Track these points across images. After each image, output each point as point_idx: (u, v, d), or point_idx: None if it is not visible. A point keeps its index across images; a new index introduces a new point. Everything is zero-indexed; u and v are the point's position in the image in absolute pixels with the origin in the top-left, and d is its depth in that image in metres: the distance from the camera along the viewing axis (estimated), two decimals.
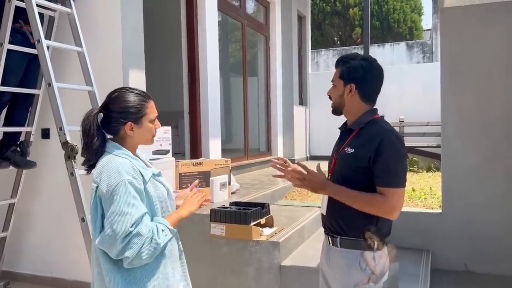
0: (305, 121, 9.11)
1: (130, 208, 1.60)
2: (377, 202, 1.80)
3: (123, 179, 1.62)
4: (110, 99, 1.80)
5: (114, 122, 1.76)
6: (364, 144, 1.84)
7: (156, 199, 1.75)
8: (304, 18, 9.08)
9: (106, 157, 1.73)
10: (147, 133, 1.81)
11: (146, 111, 1.78)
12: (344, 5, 18.28)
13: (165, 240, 1.67)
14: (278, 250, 3.08)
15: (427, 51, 14.58)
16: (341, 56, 2.07)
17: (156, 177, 1.82)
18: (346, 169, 1.89)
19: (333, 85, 1.98)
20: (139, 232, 1.59)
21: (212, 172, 3.90)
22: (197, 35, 5.17)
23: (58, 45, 3.25)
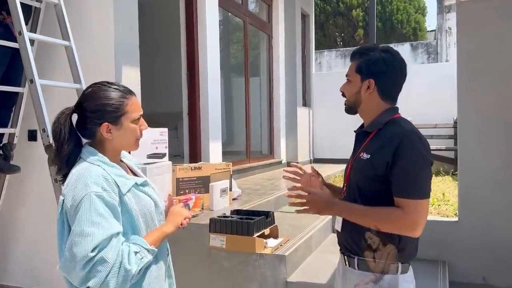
0: (309, 122, 8.83)
1: (93, 228, 1.32)
2: (394, 217, 1.55)
3: (89, 192, 1.36)
4: (83, 96, 1.53)
5: (89, 124, 1.50)
6: (381, 148, 1.59)
7: (138, 214, 1.48)
8: (308, 16, 8.81)
9: (78, 165, 1.46)
10: (129, 135, 1.53)
11: (126, 109, 1.51)
12: (347, 5, 18.02)
13: (140, 265, 1.39)
14: (284, 264, 2.80)
15: (432, 52, 14.31)
16: (358, 47, 1.82)
17: (139, 187, 1.54)
18: (362, 178, 1.65)
19: (348, 80, 1.74)
20: (103, 257, 1.31)
21: (212, 177, 3.62)
22: (196, 32, 4.90)
23: (42, 38, 2.97)
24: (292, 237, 3.21)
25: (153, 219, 1.55)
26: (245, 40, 6.40)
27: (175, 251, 3.07)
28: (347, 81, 1.74)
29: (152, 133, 3.33)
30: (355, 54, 1.75)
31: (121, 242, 1.37)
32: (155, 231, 1.52)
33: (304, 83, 8.72)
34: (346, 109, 1.77)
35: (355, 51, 1.76)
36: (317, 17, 17.78)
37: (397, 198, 1.55)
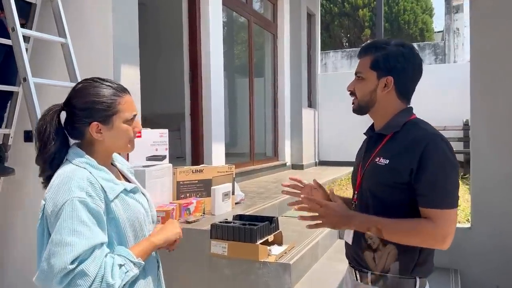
0: (314, 124, 8.67)
1: (74, 237, 1.19)
2: (424, 230, 1.38)
3: (72, 197, 1.23)
4: (73, 92, 1.41)
5: (77, 122, 1.37)
6: (403, 152, 1.43)
7: (125, 222, 1.35)
8: (314, 16, 8.67)
9: (62, 168, 1.33)
10: (121, 136, 1.40)
11: (118, 107, 1.38)
12: (352, 6, 17.86)
13: (125, 279, 1.25)
14: (289, 273, 2.65)
15: (439, 53, 14.12)
16: (370, 41, 1.66)
17: (129, 194, 1.41)
18: (379, 185, 1.48)
19: (359, 78, 1.57)
20: (84, 270, 1.18)
21: (214, 181, 3.49)
22: (199, 31, 4.78)
23: (37, 35, 2.85)
24: (297, 244, 3.07)
25: (143, 229, 1.42)
26: (249, 40, 6.27)
27: (174, 258, 2.95)
28: (359, 79, 1.57)
29: (152, 135, 3.20)
30: (368, 49, 1.57)
31: (104, 254, 1.24)
32: (143, 241, 1.39)
33: (310, 84, 8.58)
34: (356, 109, 1.60)
35: (368, 45, 1.59)
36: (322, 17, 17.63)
37: (424, 209, 1.40)
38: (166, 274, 2.93)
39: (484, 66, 3.66)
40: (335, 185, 6.09)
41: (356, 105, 1.59)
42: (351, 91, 1.60)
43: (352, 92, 1.59)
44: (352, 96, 1.60)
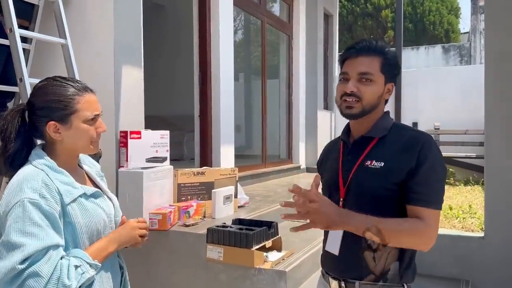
0: (330, 126, 8.54)
1: (24, 238, 1.16)
2: (417, 229, 1.36)
3: (23, 198, 1.20)
4: (33, 91, 1.40)
5: (36, 121, 1.36)
6: (401, 153, 1.42)
7: (81, 227, 1.32)
8: (332, 17, 8.53)
9: (22, 169, 1.32)
10: (80, 136, 1.38)
11: (77, 107, 1.36)
12: (375, 6, 17.59)
13: (81, 281, 1.23)
14: (284, 281, 2.57)
15: (465, 55, 13.75)
16: (367, 40, 1.51)
17: (89, 198, 1.38)
18: (375, 188, 1.44)
19: (367, 80, 1.44)
20: (36, 271, 1.14)
21: (216, 183, 3.44)
22: (209, 31, 4.74)
23: (36, 35, 2.87)
24: (298, 250, 2.98)
25: (100, 235, 1.39)
26: (262, 41, 6.20)
27: (171, 261, 2.93)
28: (368, 81, 1.44)
29: (152, 136, 3.18)
30: (375, 49, 1.46)
31: (60, 256, 1.22)
32: (97, 242, 1.37)
33: (326, 85, 8.45)
34: (357, 114, 1.46)
35: (371, 45, 1.48)
36: (344, 18, 17.45)
37: (416, 207, 1.38)
38: (160, 278, 2.91)
39: (499, 67, 3.50)
40: None
41: (359, 109, 1.46)
42: (353, 92, 1.45)
43: (354, 94, 1.45)
44: (348, 98, 1.45)
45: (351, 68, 1.46)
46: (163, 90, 7.15)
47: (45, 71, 3.20)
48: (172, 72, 7.24)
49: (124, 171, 3.00)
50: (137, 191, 2.92)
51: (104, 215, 1.41)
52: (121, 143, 3.05)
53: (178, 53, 7.13)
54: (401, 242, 1.39)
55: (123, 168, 3.02)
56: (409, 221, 1.38)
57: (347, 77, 1.47)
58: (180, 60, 6.95)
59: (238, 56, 6.65)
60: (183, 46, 6.77)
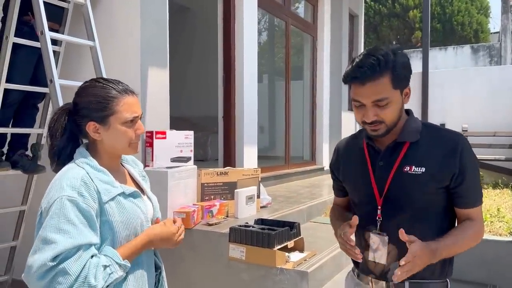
0: (355, 128, 8.45)
1: (57, 235, 1.20)
2: (477, 230, 1.44)
3: (62, 196, 1.25)
4: (77, 91, 1.44)
5: (78, 120, 1.41)
6: (443, 158, 1.39)
7: (119, 225, 1.34)
8: (357, 17, 8.47)
9: (66, 166, 1.37)
10: (120, 137, 1.41)
11: (115, 108, 1.39)
12: (403, 6, 17.32)
13: (108, 281, 1.25)
14: (306, 281, 2.57)
15: (494, 55, 13.41)
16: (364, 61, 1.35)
17: (128, 198, 1.41)
18: (419, 194, 1.40)
19: (383, 103, 1.35)
20: (65, 269, 1.18)
21: (239, 183, 3.47)
22: (234, 33, 4.78)
23: (65, 38, 2.96)
24: (320, 251, 2.97)
25: (137, 234, 1.41)
26: (286, 42, 6.21)
27: (194, 259, 2.97)
28: (384, 104, 1.35)
29: (177, 136, 3.23)
30: (379, 67, 1.32)
31: (90, 255, 1.24)
32: (133, 241, 1.38)
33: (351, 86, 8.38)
34: (383, 134, 1.41)
35: (373, 65, 1.33)
36: (371, 18, 17.26)
37: (465, 209, 1.43)
38: (184, 275, 2.95)
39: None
40: None
41: (384, 129, 1.40)
42: (379, 120, 1.38)
43: (376, 120, 1.38)
44: (369, 126, 1.40)
45: (363, 97, 1.37)
46: (188, 91, 7.24)
47: (74, 72, 3.30)
48: (197, 73, 7.32)
49: (149, 170, 3.06)
50: (162, 190, 2.97)
51: (142, 214, 1.43)
52: (147, 143, 3.12)
53: (203, 55, 7.20)
54: (465, 248, 1.42)
55: (149, 168, 3.08)
56: (469, 226, 1.41)
57: (360, 104, 1.39)
58: (204, 61, 7.02)
59: (262, 57, 6.67)
60: (207, 48, 6.85)
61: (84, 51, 3.26)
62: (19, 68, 2.89)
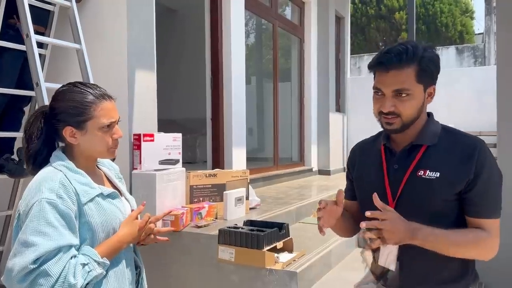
0: (343, 129, 8.52)
1: (38, 237, 1.21)
2: (482, 241, 1.33)
3: (41, 198, 1.26)
4: (54, 95, 1.44)
5: (55, 125, 1.41)
6: (458, 163, 1.33)
7: (98, 226, 1.36)
8: (343, 19, 8.53)
9: (42, 169, 1.38)
10: (97, 142, 1.42)
11: (93, 113, 1.40)
12: (389, 8, 17.49)
13: (87, 278, 1.26)
14: (295, 281, 2.59)
15: (479, 56, 13.60)
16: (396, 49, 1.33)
17: (106, 198, 1.42)
18: (430, 200, 1.35)
19: (403, 95, 1.32)
20: (46, 270, 1.19)
21: (228, 185, 3.47)
22: (221, 35, 4.80)
23: (51, 41, 2.95)
24: (309, 252, 3.00)
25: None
26: (274, 44, 6.24)
27: (183, 261, 2.96)
28: (405, 96, 1.32)
29: (165, 139, 3.22)
30: (406, 58, 1.31)
31: (70, 256, 1.26)
32: (108, 240, 1.39)
33: (338, 88, 8.44)
34: (398, 129, 1.37)
35: (401, 53, 1.31)
36: (358, 20, 17.39)
37: (477, 219, 1.34)
38: (173, 278, 2.95)
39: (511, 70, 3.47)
40: None
41: (399, 124, 1.36)
42: (395, 112, 1.35)
43: (393, 112, 1.35)
44: (386, 116, 1.36)
45: (384, 85, 1.34)
46: (176, 94, 7.22)
47: (61, 75, 3.28)
48: (185, 75, 7.31)
49: (138, 173, 3.05)
50: (150, 193, 2.97)
51: (121, 215, 1.45)
52: (135, 146, 3.11)
53: (191, 57, 7.19)
54: (465, 254, 1.34)
55: (137, 170, 3.07)
56: (474, 231, 1.33)
57: (381, 93, 1.37)
58: (192, 63, 7.01)
59: (250, 59, 6.69)
60: (195, 50, 6.84)
61: (71, 54, 3.24)
62: (4, 71, 2.87)
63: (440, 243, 1.30)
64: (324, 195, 4.94)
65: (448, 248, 1.31)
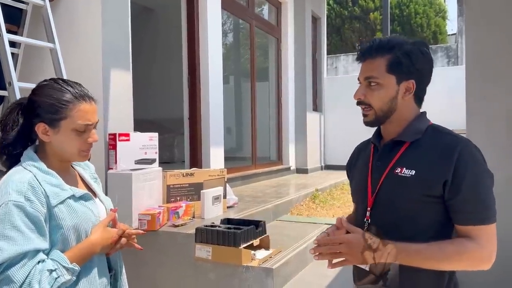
0: (320, 128, 8.62)
1: (2, 242, 1.17)
2: (469, 252, 1.21)
3: (7, 201, 1.21)
4: (33, 89, 1.40)
5: (31, 119, 1.36)
6: (433, 162, 1.26)
7: (69, 229, 1.31)
8: (319, 19, 8.63)
9: (11, 170, 1.33)
10: (68, 144, 1.37)
11: (69, 113, 1.35)
12: (363, 9, 17.74)
13: (55, 285, 1.21)
14: (271, 277, 2.63)
15: (452, 56, 13.93)
16: (377, 39, 1.37)
17: (79, 200, 1.38)
18: (403, 200, 1.30)
19: (372, 84, 1.33)
20: (9, 276, 1.15)
21: (205, 184, 3.49)
22: (198, 34, 4.81)
23: (24, 40, 2.91)
24: (286, 248, 3.04)
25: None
26: (251, 44, 6.27)
27: (160, 261, 2.97)
28: (374, 85, 1.33)
29: (141, 138, 3.22)
30: (381, 48, 1.32)
31: (37, 261, 1.21)
32: (79, 245, 1.33)
33: (315, 87, 8.54)
34: (372, 121, 1.37)
35: (379, 43, 1.34)
36: (333, 20, 17.57)
37: (463, 227, 1.24)
38: (150, 277, 2.95)
39: (479, 67, 3.58)
40: (337, 189, 6.04)
41: (372, 116, 1.36)
42: (361, 100, 1.36)
43: (363, 101, 1.36)
44: (361, 106, 1.37)
45: (360, 74, 1.37)
46: (153, 93, 7.18)
47: (35, 74, 3.23)
48: (162, 75, 7.28)
49: (113, 173, 3.04)
50: (126, 193, 2.96)
51: (94, 217, 1.40)
52: (110, 146, 3.09)
53: (168, 56, 7.16)
54: (454, 268, 1.26)
55: (112, 170, 3.06)
56: (455, 244, 1.23)
57: (359, 82, 1.38)
58: (169, 63, 6.98)
59: (228, 59, 6.71)
60: (172, 50, 6.81)
61: (45, 53, 3.21)
62: None
63: (414, 260, 1.23)
64: (301, 193, 5.00)
65: (425, 263, 1.22)
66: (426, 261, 1.22)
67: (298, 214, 4.41)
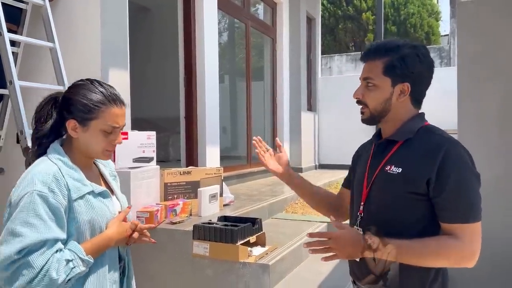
0: (314, 128, 8.69)
1: (25, 228, 1.24)
2: (452, 250, 1.26)
3: (32, 190, 1.28)
4: (69, 87, 1.49)
5: (63, 114, 1.44)
6: (419, 160, 1.32)
7: (85, 224, 1.38)
8: (314, 20, 8.70)
9: (37, 160, 1.40)
10: (95, 142, 1.45)
11: (100, 115, 1.42)
12: (357, 9, 17.84)
13: (70, 275, 1.28)
14: (268, 274, 2.69)
15: (444, 57, 14.07)
16: (377, 42, 1.48)
17: (98, 197, 1.45)
18: (390, 196, 1.36)
19: (371, 85, 1.40)
20: (29, 262, 1.22)
21: (202, 182, 3.53)
22: (194, 34, 4.85)
23: (24, 39, 2.94)
24: (281, 245, 3.10)
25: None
26: (246, 44, 6.33)
27: (158, 257, 3.02)
28: (370, 86, 1.41)
29: (139, 137, 3.26)
30: (379, 51, 1.40)
31: (55, 249, 1.28)
32: (95, 238, 1.40)
33: (310, 87, 8.61)
34: (367, 119, 1.45)
35: (377, 46, 1.42)
36: (326, 21, 17.66)
37: (447, 224, 1.28)
38: (148, 274, 3.00)
39: (471, 69, 3.67)
40: (331, 188, 6.11)
41: (368, 115, 1.44)
42: (359, 99, 1.45)
43: (360, 101, 1.44)
44: (359, 105, 1.45)
45: (361, 73, 1.45)
46: (150, 92, 7.21)
47: (34, 73, 3.27)
48: (158, 74, 7.30)
49: None
50: (124, 191, 2.92)
51: (109, 214, 1.46)
52: None
53: (165, 56, 7.18)
54: (437, 264, 1.31)
55: None
56: (438, 240, 1.28)
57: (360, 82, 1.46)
58: (166, 62, 7.01)
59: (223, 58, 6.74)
60: (169, 49, 6.84)
61: (44, 52, 3.24)
62: None
63: (400, 255, 1.28)
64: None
65: (410, 259, 1.28)
66: (411, 256, 1.28)
67: (293, 212, 4.48)
